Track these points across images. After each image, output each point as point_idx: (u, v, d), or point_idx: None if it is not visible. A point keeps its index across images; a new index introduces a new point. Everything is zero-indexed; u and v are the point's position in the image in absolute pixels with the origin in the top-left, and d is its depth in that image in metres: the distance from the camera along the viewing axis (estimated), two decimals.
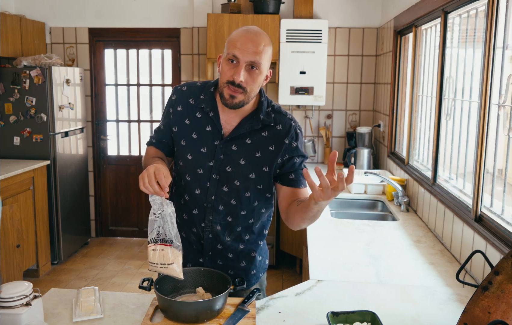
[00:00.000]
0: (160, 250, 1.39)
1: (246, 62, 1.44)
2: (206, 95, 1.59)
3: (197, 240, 1.67)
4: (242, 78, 1.44)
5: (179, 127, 1.62)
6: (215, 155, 1.56)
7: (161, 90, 4.99)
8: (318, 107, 4.61)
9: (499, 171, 2.00)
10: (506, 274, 1.16)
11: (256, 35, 1.46)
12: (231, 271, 1.69)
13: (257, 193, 1.61)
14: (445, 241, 2.30)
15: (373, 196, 3.23)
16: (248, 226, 1.66)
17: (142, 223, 5.11)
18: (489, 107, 1.96)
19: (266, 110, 1.57)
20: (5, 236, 3.57)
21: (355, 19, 4.50)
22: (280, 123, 1.58)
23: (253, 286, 1.75)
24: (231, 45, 1.46)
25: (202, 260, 1.68)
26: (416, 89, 3.32)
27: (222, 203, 1.60)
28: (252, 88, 1.48)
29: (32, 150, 4.20)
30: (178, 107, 1.63)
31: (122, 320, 1.45)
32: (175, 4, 4.68)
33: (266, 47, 1.47)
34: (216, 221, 1.62)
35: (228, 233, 1.64)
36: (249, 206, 1.62)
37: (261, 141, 1.56)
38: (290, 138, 1.57)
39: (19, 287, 1.34)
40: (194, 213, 1.64)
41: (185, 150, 1.60)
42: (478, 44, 2.26)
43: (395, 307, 1.60)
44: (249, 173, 1.57)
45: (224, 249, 1.67)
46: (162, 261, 1.40)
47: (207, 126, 1.58)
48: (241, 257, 1.70)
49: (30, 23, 4.53)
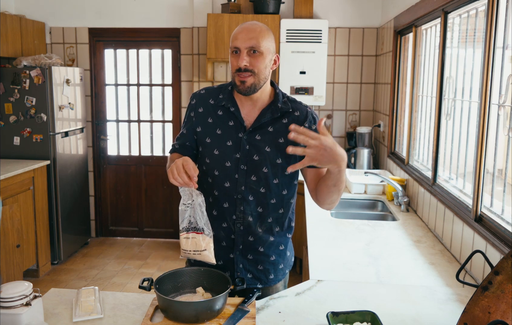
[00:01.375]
0: (192, 238, 1.49)
1: (246, 47, 1.56)
2: (224, 94, 1.69)
3: (227, 235, 1.69)
4: (245, 62, 1.56)
5: (203, 126, 1.69)
6: (240, 147, 1.64)
7: (161, 90, 4.99)
8: (318, 107, 4.61)
9: (499, 171, 2.00)
10: (506, 274, 1.16)
11: (253, 25, 1.60)
12: (261, 266, 1.72)
13: (285, 180, 1.67)
14: (445, 241, 2.30)
15: (373, 196, 3.23)
16: (278, 217, 1.70)
17: (142, 223, 5.12)
18: (489, 107, 1.96)
19: (282, 99, 1.68)
20: (5, 236, 3.57)
21: (355, 19, 4.50)
22: (298, 110, 1.68)
23: (280, 281, 1.78)
24: (232, 40, 1.60)
25: (233, 256, 1.70)
26: (416, 89, 3.32)
27: (252, 193, 1.65)
28: (260, 69, 1.58)
29: (32, 150, 4.20)
30: (199, 109, 1.71)
31: (122, 320, 1.45)
32: (175, 4, 4.68)
33: (262, 32, 1.59)
34: (248, 212, 1.66)
35: (260, 224, 1.68)
36: (278, 194, 1.67)
37: (282, 127, 1.64)
38: (308, 122, 1.67)
39: (19, 287, 1.34)
40: (224, 206, 1.67)
41: (211, 146, 1.67)
42: (478, 44, 2.25)
43: (395, 307, 1.60)
44: (276, 159, 1.64)
45: (255, 241, 1.69)
46: (195, 248, 1.49)
47: (229, 121, 1.67)
48: (271, 251, 1.72)
49: (30, 23, 4.53)
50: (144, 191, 5.07)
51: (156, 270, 4.30)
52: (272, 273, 1.74)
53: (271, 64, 1.63)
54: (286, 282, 1.84)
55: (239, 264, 1.70)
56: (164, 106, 5.00)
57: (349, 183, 3.35)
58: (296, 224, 3.85)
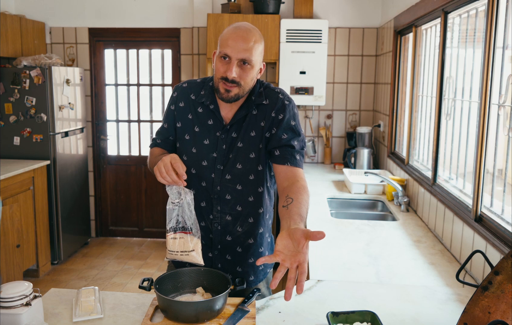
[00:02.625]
0: (180, 238, 1.43)
1: (238, 59, 1.50)
2: (206, 90, 1.65)
3: (206, 234, 1.68)
4: (234, 74, 1.50)
5: (183, 122, 1.66)
6: (217, 146, 1.61)
7: (161, 90, 4.99)
8: (318, 107, 4.61)
9: (499, 171, 2.00)
10: (506, 274, 1.16)
11: (246, 31, 1.51)
12: (239, 268, 1.70)
13: (260, 176, 1.63)
14: (445, 241, 2.30)
15: (373, 196, 3.23)
16: (258, 217, 1.67)
17: (142, 223, 5.12)
18: (489, 107, 1.96)
19: (258, 91, 1.62)
20: (5, 236, 3.57)
21: (355, 19, 4.50)
22: (268, 97, 1.62)
23: (260, 282, 1.76)
24: (223, 43, 1.52)
25: (211, 255, 1.68)
26: (416, 89, 3.32)
27: (228, 192, 1.62)
28: (246, 81, 1.54)
29: (32, 150, 4.20)
30: (180, 103, 1.67)
31: (122, 320, 1.45)
32: (175, 4, 4.68)
33: (256, 43, 1.52)
34: (226, 211, 1.64)
35: (240, 223, 1.65)
36: (255, 191, 1.64)
37: (253, 119, 1.61)
38: (276, 110, 1.60)
39: (19, 287, 1.34)
40: (202, 205, 1.65)
41: (189, 143, 1.64)
42: (478, 44, 2.25)
43: (395, 307, 1.60)
44: (249, 153, 1.61)
45: (233, 241, 1.67)
46: (183, 248, 1.44)
47: (209, 119, 1.63)
48: (249, 252, 1.70)
49: (30, 23, 4.53)
50: (144, 191, 5.07)
51: (156, 270, 4.30)
52: (252, 275, 1.72)
53: (257, 75, 1.58)
54: (268, 281, 1.81)
55: (218, 264, 1.69)
56: (164, 106, 5.00)
57: (349, 183, 3.35)
58: None
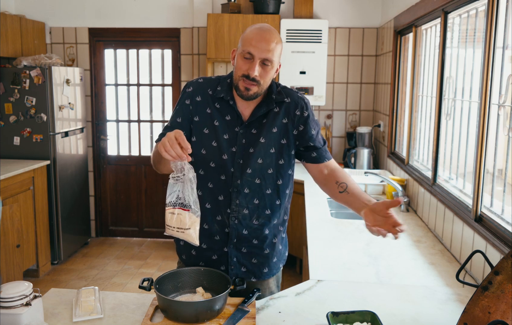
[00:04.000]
0: (178, 214, 1.41)
1: (260, 58, 1.55)
2: (223, 86, 1.67)
3: (221, 229, 1.68)
4: (256, 72, 1.55)
5: (201, 116, 1.67)
6: (237, 141, 1.64)
7: (161, 90, 4.99)
8: (318, 107, 4.61)
9: (499, 171, 2.00)
10: (506, 274, 1.16)
11: (269, 33, 1.57)
12: (255, 260, 1.71)
13: (280, 170, 1.67)
14: (445, 241, 2.30)
15: (373, 196, 3.23)
16: (275, 209, 1.69)
17: (142, 223, 5.12)
18: (489, 107, 1.96)
19: (276, 90, 1.69)
20: (5, 236, 3.57)
21: (355, 19, 4.50)
22: (289, 96, 1.69)
23: (274, 275, 1.78)
24: (246, 42, 1.56)
25: (227, 250, 1.69)
26: (416, 89, 3.32)
27: (247, 185, 1.65)
28: (265, 81, 1.59)
29: (32, 150, 4.20)
30: (197, 97, 1.68)
31: (122, 320, 1.45)
32: (175, 4, 4.68)
33: (277, 44, 1.59)
34: (244, 204, 1.65)
35: (256, 216, 1.67)
36: (273, 184, 1.67)
37: (275, 116, 1.66)
38: (300, 108, 1.68)
39: (19, 287, 1.34)
40: (219, 199, 1.66)
41: (209, 137, 1.65)
42: (478, 44, 2.25)
43: (395, 307, 1.60)
44: (269, 148, 1.65)
45: (249, 234, 1.68)
46: (179, 225, 1.42)
47: (226, 115, 1.65)
48: (265, 244, 1.71)
49: (30, 23, 4.53)
50: (144, 191, 5.07)
51: (156, 270, 4.30)
52: (266, 267, 1.74)
53: (274, 74, 1.63)
54: (279, 277, 1.83)
55: (233, 257, 1.69)
56: (164, 106, 5.00)
57: None
58: (296, 224, 3.87)
